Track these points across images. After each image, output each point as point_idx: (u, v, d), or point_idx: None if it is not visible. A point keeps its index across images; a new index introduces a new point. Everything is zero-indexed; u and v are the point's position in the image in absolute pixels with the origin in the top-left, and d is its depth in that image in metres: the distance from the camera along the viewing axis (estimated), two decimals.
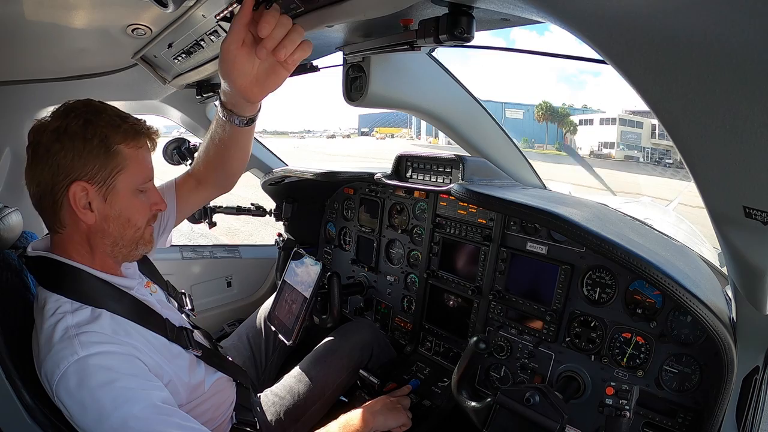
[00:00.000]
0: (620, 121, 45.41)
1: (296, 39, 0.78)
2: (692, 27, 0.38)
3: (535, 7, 0.55)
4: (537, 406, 1.03)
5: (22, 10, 1.00)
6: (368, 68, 1.17)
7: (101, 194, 0.89)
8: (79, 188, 0.87)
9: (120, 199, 0.92)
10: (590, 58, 0.78)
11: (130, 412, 0.80)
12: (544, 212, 1.11)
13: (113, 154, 0.89)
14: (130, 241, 0.97)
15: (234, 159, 1.17)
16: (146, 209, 0.98)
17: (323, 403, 1.45)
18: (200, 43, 1.19)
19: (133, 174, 0.92)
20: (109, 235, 0.94)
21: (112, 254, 0.97)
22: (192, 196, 1.28)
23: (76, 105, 0.89)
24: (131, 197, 0.94)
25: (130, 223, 0.95)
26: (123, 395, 0.81)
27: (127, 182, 0.92)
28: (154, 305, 1.05)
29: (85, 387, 0.79)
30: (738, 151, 0.45)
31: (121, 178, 0.90)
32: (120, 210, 0.92)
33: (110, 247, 0.95)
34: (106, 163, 0.88)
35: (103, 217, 0.91)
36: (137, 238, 0.98)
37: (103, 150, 0.87)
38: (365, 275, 1.99)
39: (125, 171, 0.91)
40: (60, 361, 0.80)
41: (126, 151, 0.90)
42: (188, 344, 1.07)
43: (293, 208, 2.19)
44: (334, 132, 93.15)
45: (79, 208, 0.88)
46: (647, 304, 1.16)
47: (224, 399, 1.18)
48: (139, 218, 0.96)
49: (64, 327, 0.84)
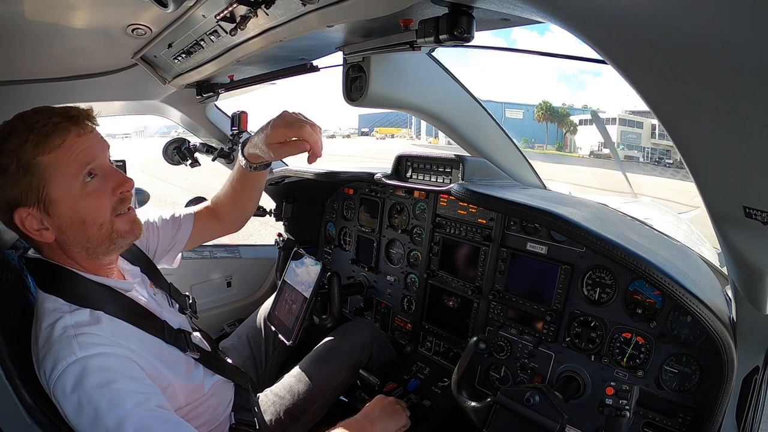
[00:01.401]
0: (620, 121, 45.39)
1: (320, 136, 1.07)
2: (692, 27, 0.38)
3: (535, 7, 0.55)
4: (537, 406, 1.03)
5: (22, 10, 1.00)
6: (368, 68, 1.17)
7: (43, 211, 0.86)
8: (23, 215, 0.85)
9: (62, 206, 0.86)
10: (590, 58, 0.78)
11: (125, 413, 0.79)
12: (544, 212, 1.11)
13: (33, 171, 0.83)
14: (100, 239, 0.92)
15: (249, 199, 1.34)
16: (103, 201, 0.91)
17: (323, 403, 1.45)
18: (200, 43, 1.19)
19: (62, 176, 0.85)
20: (74, 242, 0.90)
21: (92, 256, 0.94)
22: (207, 225, 1.36)
23: None
24: (78, 198, 0.87)
25: (86, 223, 0.89)
26: (119, 397, 0.80)
27: (59, 189, 0.85)
28: (153, 308, 1.05)
29: (82, 388, 0.79)
30: (738, 151, 0.45)
31: (51, 189, 0.85)
32: (69, 216, 0.88)
33: (84, 252, 0.92)
34: (30, 183, 0.84)
35: (58, 230, 0.88)
36: (106, 233, 0.92)
37: (22, 171, 0.83)
38: (365, 275, 1.99)
39: (51, 180, 0.85)
40: (58, 361, 0.80)
41: (45, 160, 0.84)
42: (186, 347, 1.07)
43: (293, 208, 2.19)
44: (334, 132, 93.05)
45: (32, 232, 0.86)
46: (647, 304, 1.16)
47: (222, 399, 1.18)
48: (95, 215, 0.90)
49: (63, 326, 0.84)
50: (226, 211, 1.35)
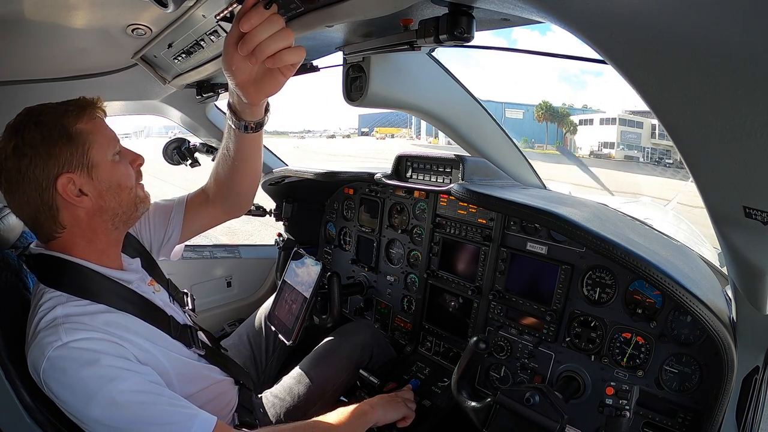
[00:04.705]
0: (620, 121, 45.40)
1: (279, 41, 0.73)
2: (692, 27, 0.38)
3: (535, 7, 0.55)
4: (537, 406, 1.03)
5: (22, 10, 1.00)
6: (368, 68, 1.17)
7: (85, 175, 0.90)
8: (65, 181, 0.87)
9: (103, 170, 0.92)
10: (590, 58, 0.78)
11: (116, 389, 0.79)
12: (544, 212, 1.11)
13: (76, 136, 0.89)
14: (129, 205, 0.98)
15: (243, 174, 1.15)
16: (129, 169, 0.99)
17: (323, 404, 1.45)
18: (200, 43, 1.19)
19: (102, 143, 0.93)
20: (108, 209, 0.95)
21: (115, 227, 0.98)
22: (201, 211, 1.26)
23: (17, 120, 0.89)
24: (111, 164, 0.94)
25: (121, 187, 0.96)
26: (109, 374, 0.80)
27: (101, 153, 0.92)
28: (157, 303, 1.04)
29: (70, 369, 0.79)
30: (738, 151, 0.45)
31: (94, 152, 0.91)
32: (109, 180, 0.93)
33: (112, 221, 0.96)
34: (75, 147, 0.88)
35: (98, 194, 0.92)
36: (133, 198, 0.99)
37: (65, 137, 0.88)
38: (365, 275, 1.99)
39: (95, 144, 0.91)
40: (44, 348, 0.80)
41: (85, 128, 0.90)
42: (191, 342, 1.07)
43: (293, 208, 2.19)
44: (334, 132, 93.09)
45: (73, 198, 0.89)
46: (647, 304, 1.16)
47: (226, 402, 1.17)
48: (127, 179, 0.97)
49: (53, 317, 0.84)
50: (223, 191, 1.21)
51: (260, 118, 0.98)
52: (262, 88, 0.85)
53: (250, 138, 1.02)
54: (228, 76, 0.84)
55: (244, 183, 1.19)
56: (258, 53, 0.73)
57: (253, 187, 1.23)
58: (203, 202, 1.26)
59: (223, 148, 1.11)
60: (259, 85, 0.85)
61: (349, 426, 1.11)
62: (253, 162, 1.12)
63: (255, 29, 0.71)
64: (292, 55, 0.76)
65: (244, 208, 1.30)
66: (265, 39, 0.72)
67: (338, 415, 1.13)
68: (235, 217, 1.31)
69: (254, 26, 0.70)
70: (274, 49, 0.74)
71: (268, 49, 0.73)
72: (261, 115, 0.98)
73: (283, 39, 0.73)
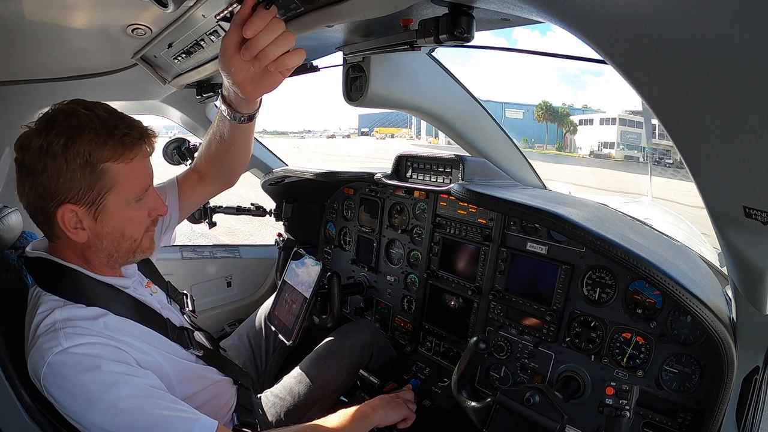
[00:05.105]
0: (620, 121, 45.42)
1: (282, 46, 0.74)
2: (692, 27, 0.38)
3: (535, 7, 0.55)
4: (537, 406, 1.03)
5: (22, 10, 1.00)
6: (368, 68, 1.17)
7: (91, 214, 0.85)
8: (67, 210, 0.83)
9: (112, 216, 0.87)
10: (590, 58, 0.78)
11: (117, 395, 0.79)
12: (544, 212, 1.11)
13: (100, 174, 0.83)
14: (126, 252, 0.94)
15: (235, 156, 1.15)
16: (143, 219, 0.94)
17: (323, 404, 1.45)
18: (200, 43, 1.19)
19: (125, 190, 0.87)
20: (103, 249, 0.91)
21: (108, 264, 0.95)
22: (194, 191, 1.26)
23: (58, 117, 0.82)
24: (124, 212, 0.89)
25: (124, 236, 0.92)
26: (109, 379, 0.80)
27: (118, 200, 0.87)
28: (154, 305, 1.04)
29: (71, 375, 0.79)
30: (738, 151, 0.45)
31: (111, 197, 0.86)
32: (113, 227, 0.89)
33: (105, 259, 0.93)
34: (93, 184, 0.83)
35: (95, 235, 0.88)
36: (134, 248, 0.95)
37: (89, 170, 0.82)
38: (365, 275, 1.99)
39: (115, 189, 0.85)
40: (44, 353, 0.80)
41: (114, 168, 0.84)
42: (189, 344, 1.07)
43: (293, 208, 2.19)
44: (334, 132, 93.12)
45: (69, 228, 0.85)
46: (647, 304, 1.16)
47: (225, 401, 1.17)
48: (134, 231, 0.93)
49: (51, 321, 0.83)
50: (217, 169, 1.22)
51: (254, 110, 0.99)
52: (260, 87, 0.86)
53: (246, 126, 1.03)
54: (225, 76, 0.84)
55: (237, 161, 1.20)
56: (262, 58, 0.75)
57: (245, 161, 1.22)
58: (197, 182, 1.25)
59: (215, 133, 1.09)
60: (257, 83, 0.85)
61: (351, 428, 1.11)
62: (246, 146, 1.13)
63: (258, 35, 0.71)
64: (293, 57, 0.77)
65: (237, 179, 1.30)
66: (268, 44, 0.73)
67: (339, 418, 1.13)
68: (228, 187, 1.31)
69: (257, 32, 0.71)
70: (277, 54, 0.75)
71: (272, 54, 0.74)
72: (255, 108, 0.99)
73: (285, 43, 0.75)
